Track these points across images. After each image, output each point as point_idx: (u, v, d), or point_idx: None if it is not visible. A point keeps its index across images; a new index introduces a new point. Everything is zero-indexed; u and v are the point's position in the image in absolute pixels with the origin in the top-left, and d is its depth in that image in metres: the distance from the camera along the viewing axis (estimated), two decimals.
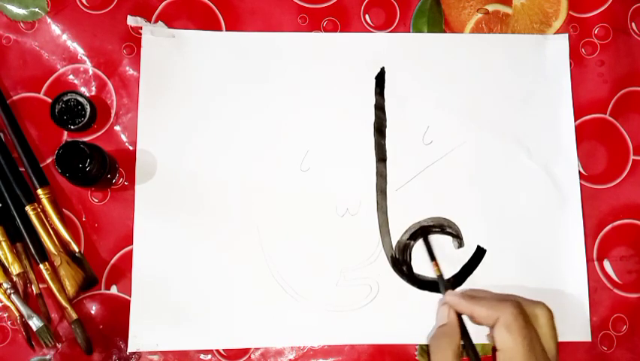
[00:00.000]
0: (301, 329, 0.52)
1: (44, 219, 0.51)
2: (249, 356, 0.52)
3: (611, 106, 0.56)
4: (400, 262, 0.53)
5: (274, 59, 0.55)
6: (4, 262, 0.51)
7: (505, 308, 0.46)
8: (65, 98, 0.52)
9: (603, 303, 0.54)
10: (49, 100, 0.53)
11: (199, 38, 0.55)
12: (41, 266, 0.51)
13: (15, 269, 0.50)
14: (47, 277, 0.50)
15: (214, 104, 0.54)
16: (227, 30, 0.56)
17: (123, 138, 0.54)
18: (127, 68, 0.54)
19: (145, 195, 0.53)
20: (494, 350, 0.47)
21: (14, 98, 0.54)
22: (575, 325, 0.53)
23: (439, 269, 0.52)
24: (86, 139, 0.53)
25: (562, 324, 0.48)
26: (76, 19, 0.55)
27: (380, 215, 0.53)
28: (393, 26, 0.56)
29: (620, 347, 0.53)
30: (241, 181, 0.53)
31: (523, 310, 0.46)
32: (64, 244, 0.51)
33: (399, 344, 0.52)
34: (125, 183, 0.53)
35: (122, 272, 0.52)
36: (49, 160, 0.53)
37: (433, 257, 0.52)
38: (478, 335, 0.50)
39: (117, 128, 0.54)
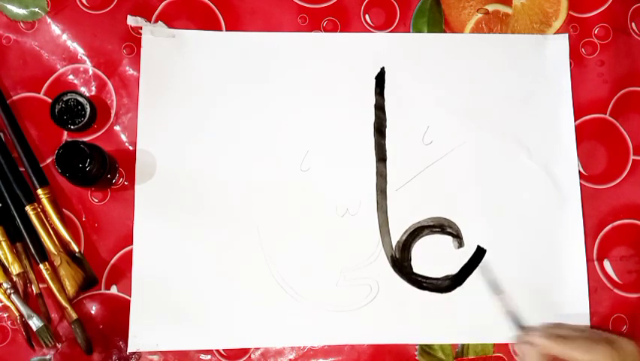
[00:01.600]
0: (301, 329, 0.52)
1: (44, 219, 0.51)
2: (249, 356, 0.52)
3: (611, 106, 0.56)
4: (400, 262, 0.53)
5: (274, 59, 0.55)
6: (4, 262, 0.51)
7: (600, 352, 0.46)
8: (65, 98, 0.52)
9: (603, 303, 0.54)
10: (49, 100, 0.53)
11: (199, 38, 0.55)
12: (41, 266, 0.51)
13: (15, 269, 0.50)
14: (47, 277, 0.50)
15: (214, 104, 0.54)
16: (227, 30, 0.56)
17: (123, 138, 0.54)
18: (127, 68, 0.54)
19: (145, 195, 0.53)
20: None
21: (14, 98, 0.54)
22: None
23: (507, 303, 0.50)
24: (86, 139, 0.53)
25: None
26: (76, 19, 0.55)
27: (380, 215, 0.53)
28: (393, 26, 0.56)
29: None
30: (241, 181, 0.53)
31: (615, 352, 0.46)
32: (64, 244, 0.51)
33: (399, 344, 0.52)
34: (125, 183, 0.53)
35: (122, 272, 0.52)
36: (49, 160, 0.53)
37: (499, 291, 0.51)
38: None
39: (117, 128, 0.54)
